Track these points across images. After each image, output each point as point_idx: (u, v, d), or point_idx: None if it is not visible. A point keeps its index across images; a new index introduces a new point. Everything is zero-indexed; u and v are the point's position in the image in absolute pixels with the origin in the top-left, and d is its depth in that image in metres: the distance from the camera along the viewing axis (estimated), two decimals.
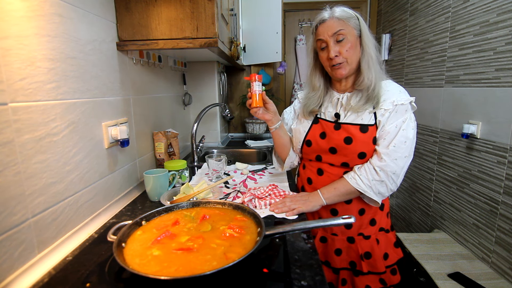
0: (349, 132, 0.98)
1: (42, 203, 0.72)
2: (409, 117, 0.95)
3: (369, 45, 0.96)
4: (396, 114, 0.94)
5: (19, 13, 0.67)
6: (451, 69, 1.82)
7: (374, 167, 0.94)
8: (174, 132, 1.50)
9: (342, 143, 0.98)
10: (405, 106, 0.95)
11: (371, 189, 0.95)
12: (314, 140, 1.05)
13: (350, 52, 0.95)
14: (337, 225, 0.73)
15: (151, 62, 1.39)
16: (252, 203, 1.04)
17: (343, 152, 0.99)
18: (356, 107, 0.97)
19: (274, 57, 2.32)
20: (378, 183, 0.94)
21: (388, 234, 1.08)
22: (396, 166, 0.93)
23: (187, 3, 1.08)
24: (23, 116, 0.67)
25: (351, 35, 0.94)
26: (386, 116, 0.95)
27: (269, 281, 0.65)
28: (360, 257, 1.03)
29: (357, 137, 0.96)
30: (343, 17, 0.94)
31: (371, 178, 0.94)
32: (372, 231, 1.05)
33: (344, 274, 1.06)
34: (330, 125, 1.02)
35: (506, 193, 1.42)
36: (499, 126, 1.46)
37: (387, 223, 1.09)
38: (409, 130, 0.94)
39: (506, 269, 1.40)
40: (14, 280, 0.64)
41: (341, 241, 1.06)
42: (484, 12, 1.55)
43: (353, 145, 0.97)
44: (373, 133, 0.96)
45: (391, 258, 1.06)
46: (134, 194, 1.20)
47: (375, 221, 1.05)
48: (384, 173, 0.93)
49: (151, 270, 0.59)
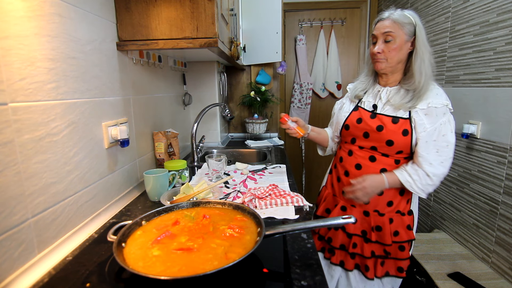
0: (382, 122, 1.11)
1: (42, 203, 0.72)
2: (447, 120, 1.05)
3: (424, 51, 1.06)
4: (431, 116, 1.05)
5: (19, 13, 0.67)
6: (451, 69, 1.82)
7: (428, 174, 1.06)
8: (174, 132, 1.50)
9: (374, 130, 1.12)
10: (441, 109, 1.05)
11: (423, 192, 1.09)
12: (352, 124, 1.19)
13: (393, 53, 1.06)
14: (336, 225, 0.73)
15: (151, 62, 1.39)
16: (252, 203, 1.04)
17: (374, 138, 1.12)
18: (398, 104, 1.08)
19: (274, 57, 2.32)
20: (431, 186, 1.08)
21: (404, 216, 1.17)
22: (444, 168, 1.07)
23: (187, 3, 1.08)
24: (23, 116, 0.67)
25: (400, 39, 1.05)
26: (420, 116, 1.06)
27: (269, 281, 0.65)
28: (371, 229, 1.17)
29: (388, 127, 1.09)
30: (398, 21, 1.04)
31: (424, 183, 1.07)
32: (388, 211, 1.17)
33: (355, 239, 1.21)
34: (367, 114, 1.16)
35: (506, 193, 1.42)
36: (499, 126, 1.46)
37: (405, 208, 1.18)
38: (449, 134, 1.05)
39: (506, 269, 1.40)
40: (14, 280, 0.64)
41: (357, 212, 1.20)
42: (484, 12, 1.55)
43: (383, 133, 1.10)
44: (403, 126, 1.07)
45: (401, 236, 1.16)
46: (134, 194, 1.19)
47: (392, 203, 1.17)
48: (437, 177, 1.07)
49: (155, 271, 0.59)
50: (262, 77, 2.44)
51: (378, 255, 1.19)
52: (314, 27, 3.04)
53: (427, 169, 1.05)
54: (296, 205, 1.06)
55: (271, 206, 1.05)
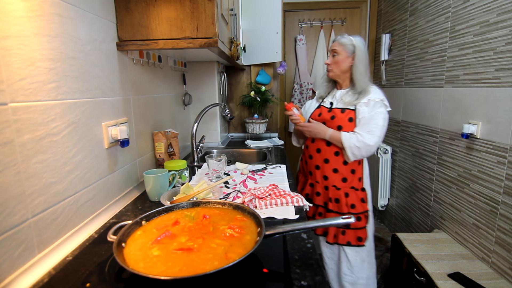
0: (334, 113, 1.51)
1: (42, 203, 0.72)
2: (381, 111, 1.43)
3: (359, 64, 1.46)
4: (369, 106, 1.44)
5: (19, 13, 0.67)
6: (451, 69, 1.82)
7: (358, 138, 1.43)
8: (174, 132, 1.50)
9: (329, 119, 1.52)
10: (378, 103, 1.44)
11: (350, 149, 1.44)
12: (314, 117, 1.60)
13: (335, 65, 1.51)
14: (336, 225, 0.73)
15: (151, 62, 1.39)
16: (252, 203, 1.04)
17: (329, 126, 1.51)
18: (348, 102, 1.49)
19: (274, 57, 2.32)
20: (356, 148, 1.43)
21: (358, 191, 1.54)
22: (371, 142, 1.41)
23: (187, 3, 1.08)
24: (23, 116, 0.67)
25: (342, 55, 1.48)
26: (362, 107, 1.44)
27: (269, 281, 0.65)
28: (329, 200, 1.55)
29: (338, 116, 1.49)
30: (342, 43, 1.47)
31: (355, 142, 1.43)
32: (343, 186, 1.53)
33: (320, 209, 1.60)
34: (325, 109, 1.57)
35: (506, 193, 1.42)
36: (499, 126, 1.46)
37: (358, 185, 1.55)
38: (379, 119, 1.43)
39: (506, 269, 1.40)
40: (14, 280, 0.64)
41: (320, 187, 1.59)
42: (484, 12, 1.55)
43: (334, 121, 1.50)
44: (349, 115, 1.47)
45: (357, 209, 1.51)
46: (134, 194, 1.19)
47: (346, 180, 1.53)
48: (362, 144, 1.41)
49: (156, 271, 0.59)
50: (262, 77, 2.44)
51: None
52: (314, 27, 3.04)
53: (358, 136, 1.43)
54: (296, 205, 1.06)
55: (271, 206, 1.05)
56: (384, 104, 1.45)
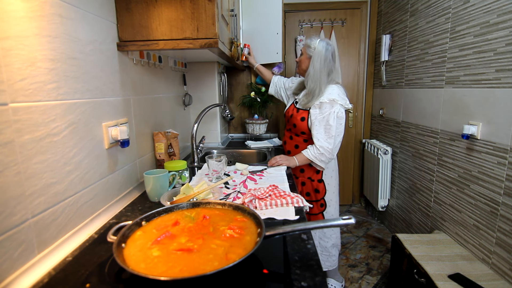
0: (293, 112, 1.73)
1: (42, 204, 0.72)
2: (333, 111, 1.55)
3: (315, 65, 1.59)
4: (321, 108, 1.57)
5: (20, 14, 0.67)
6: (452, 70, 1.82)
7: (317, 146, 1.58)
8: (174, 132, 1.50)
9: (289, 117, 1.76)
10: (329, 103, 1.55)
11: (316, 159, 1.60)
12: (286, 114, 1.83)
13: (300, 63, 1.70)
14: (337, 225, 0.73)
15: (151, 62, 1.39)
16: (252, 203, 1.04)
17: (290, 122, 1.77)
18: (303, 104, 1.67)
19: (275, 57, 2.32)
20: (319, 154, 1.58)
21: (313, 182, 1.75)
22: (329, 144, 1.56)
23: (188, 4, 1.08)
24: (24, 117, 0.67)
25: (304, 56, 1.67)
26: (315, 109, 1.59)
27: (269, 282, 0.65)
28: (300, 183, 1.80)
29: (294, 115, 1.71)
30: (305, 44, 1.65)
31: (316, 152, 1.58)
32: (300, 176, 1.77)
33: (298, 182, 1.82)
34: (293, 106, 1.79)
35: (507, 194, 1.41)
36: (499, 127, 1.46)
37: (316, 177, 1.74)
38: (331, 119, 1.54)
39: (507, 270, 1.40)
40: (14, 281, 0.64)
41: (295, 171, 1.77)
42: (484, 13, 1.55)
43: (292, 119, 1.73)
44: (302, 114, 1.67)
45: (311, 197, 1.77)
46: (134, 195, 1.19)
47: (303, 170, 1.75)
48: (324, 150, 1.56)
49: (157, 271, 0.59)
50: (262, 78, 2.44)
51: None
52: (315, 27, 3.04)
53: (317, 143, 1.57)
54: (296, 205, 1.06)
55: (271, 206, 1.04)
56: (336, 103, 1.54)
